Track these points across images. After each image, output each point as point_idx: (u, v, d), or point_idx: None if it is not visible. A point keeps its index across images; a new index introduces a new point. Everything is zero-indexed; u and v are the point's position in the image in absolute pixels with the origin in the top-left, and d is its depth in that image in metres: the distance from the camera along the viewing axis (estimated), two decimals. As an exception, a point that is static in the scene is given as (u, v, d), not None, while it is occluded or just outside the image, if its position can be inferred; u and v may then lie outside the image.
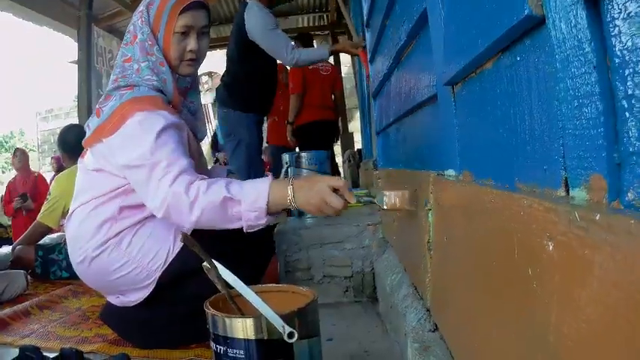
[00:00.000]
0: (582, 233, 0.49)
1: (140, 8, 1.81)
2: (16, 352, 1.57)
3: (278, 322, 1.15)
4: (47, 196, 3.38)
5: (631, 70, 0.49)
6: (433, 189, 1.27)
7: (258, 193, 1.51)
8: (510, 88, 0.80)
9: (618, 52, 0.51)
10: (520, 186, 0.77)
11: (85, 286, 2.25)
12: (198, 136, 1.94)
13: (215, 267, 1.27)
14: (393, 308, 1.76)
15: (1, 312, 2.28)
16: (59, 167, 6.47)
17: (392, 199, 1.50)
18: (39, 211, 3.38)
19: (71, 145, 3.49)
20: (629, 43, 0.49)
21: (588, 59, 0.54)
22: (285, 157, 3.11)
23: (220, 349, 1.21)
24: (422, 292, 1.46)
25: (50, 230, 3.34)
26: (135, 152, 1.61)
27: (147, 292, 1.77)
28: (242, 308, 1.30)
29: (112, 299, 1.88)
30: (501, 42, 0.79)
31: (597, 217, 0.46)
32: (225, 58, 3.66)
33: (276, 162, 5.15)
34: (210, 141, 9.34)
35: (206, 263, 1.28)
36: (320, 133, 5.25)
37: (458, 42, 1.03)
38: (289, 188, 1.50)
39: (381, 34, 2.34)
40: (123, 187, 1.72)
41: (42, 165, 17.09)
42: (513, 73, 0.78)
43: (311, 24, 9.30)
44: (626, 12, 0.49)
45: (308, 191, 1.49)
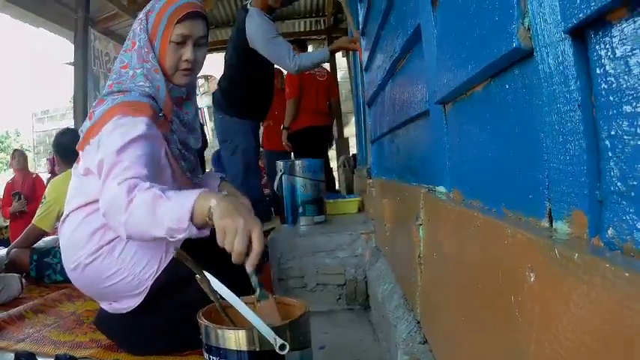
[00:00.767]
0: (561, 270, 0.51)
1: (140, 16, 1.82)
2: (11, 356, 1.57)
3: (270, 335, 1.16)
4: (42, 200, 3.38)
5: (615, 111, 0.50)
6: (424, 205, 1.28)
7: (187, 197, 1.43)
8: (499, 114, 0.81)
9: (603, 92, 0.52)
10: (507, 212, 0.78)
11: (79, 290, 2.26)
12: (191, 146, 1.95)
13: (207, 279, 1.29)
14: (385, 318, 1.77)
15: (-5, 316, 2.29)
16: (51, 170, 6.43)
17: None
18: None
19: (66, 149, 3.49)
20: (615, 84, 0.50)
21: (573, 97, 0.55)
22: (280, 164, 3.12)
23: (213, 360, 1.23)
24: (412, 305, 1.47)
25: (45, 233, 3.34)
26: (105, 149, 1.61)
27: (139, 300, 1.77)
28: (234, 319, 1.32)
29: (105, 306, 1.89)
30: (491, 69, 0.80)
31: (576, 257, 0.48)
32: (223, 62, 3.66)
33: (271, 167, 5.14)
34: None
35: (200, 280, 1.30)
36: (314, 139, 5.26)
37: (450, 62, 1.04)
38: (213, 201, 1.39)
39: (376, 43, 2.35)
40: None
41: (37, 166, 17.01)
42: (502, 100, 0.80)
43: (307, 28, 9.27)
44: (613, 52, 0.50)
45: (230, 215, 1.34)
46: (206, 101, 10.39)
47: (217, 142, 3.86)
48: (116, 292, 1.78)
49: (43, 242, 3.33)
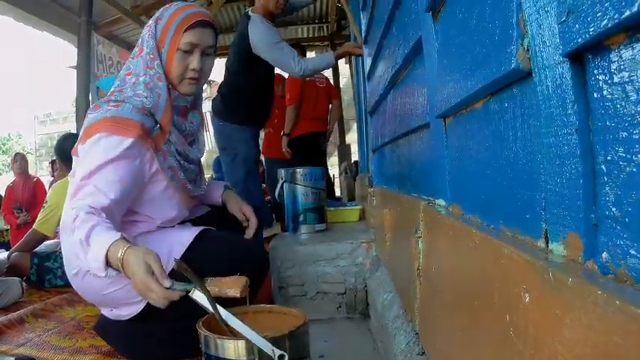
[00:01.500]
0: (555, 293, 0.51)
1: (149, 23, 1.82)
2: (11, 360, 1.58)
3: (267, 347, 1.17)
4: (44, 204, 3.40)
5: (611, 136, 0.50)
6: (424, 217, 1.29)
7: (99, 247, 1.45)
8: (498, 132, 0.82)
9: (600, 117, 0.52)
10: (504, 230, 0.79)
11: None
12: (191, 157, 1.93)
13: (207, 290, 1.30)
14: (384, 328, 1.77)
15: (-4, 320, 2.29)
16: (54, 173, 6.43)
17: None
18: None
19: (67, 153, 3.49)
20: (612, 109, 0.50)
21: (571, 121, 0.55)
22: (281, 172, 3.12)
23: (212, 370, 1.24)
24: (411, 316, 1.48)
25: (46, 238, 3.35)
26: (83, 166, 1.64)
27: (140, 307, 1.77)
28: (233, 329, 1.32)
29: (105, 312, 1.89)
30: (490, 87, 0.80)
31: (569, 281, 0.48)
32: (224, 69, 3.65)
33: (271, 175, 5.11)
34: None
35: (191, 293, 1.32)
36: (314, 145, 5.28)
37: (450, 77, 1.05)
38: (120, 256, 1.42)
39: (378, 52, 2.36)
40: None
41: (39, 169, 17.06)
42: (501, 118, 0.80)
43: (311, 34, 9.30)
44: (611, 77, 0.50)
45: (132, 270, 1.41)
46: (208, 106, 10.43)
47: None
48: (116, 299, 1.78)
49: (44, 246, 3.33)
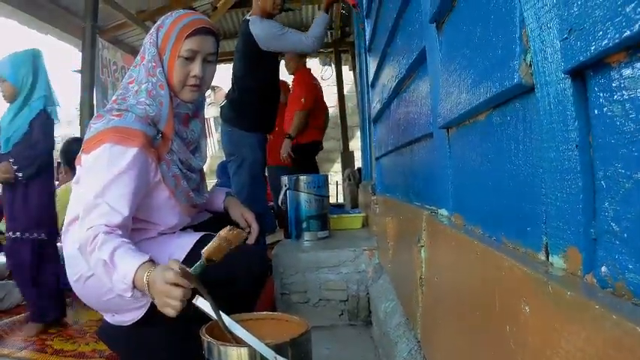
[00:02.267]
0: (555, 307, 0.52)
1: (151, 30, 1.82)
2: (13, 365, 1.59)
3: (270, 355, 1.18)
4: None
5: (612, 152, 0.51)
6: (426, 227, 1.29)
7: (128, 269, 1.51)
8: (500, 144, 0.83)
9: (600, 133, 0.53)
10: (506, 241, 0.80)
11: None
12: (193, 165, 1.94)
13: (211, 299, 1.31)
14: (386, 335, 1.78)
15: (-2, 323, 2.31)
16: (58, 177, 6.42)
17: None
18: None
19: (72, 157, 3.50)
20: (612, 126, 0.51)
21: (572, 137, 0.56)
22: (285, 179, 3.13)
23: (215, 376, 1.25)
24: (413, 324, 1.48)
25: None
26: (91, 182, 1.66)
27: (141, 313, 1.77)
28: (236, 336, 1.33)
29: (108, 317, 1.89)
30: (493, 100, 0.81)
31: (568, 295, 0.49)
32: (228, 73, 3.67)
33: (274, 183, 5.06)
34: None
35: (195, 300, 1.33)
36: (316, 153, 5.33)
37: (453, 88, 1.05)
38: (145, 281, 1.48)
39: (382, 60, 2.36)
40: None
41: (42, 171, 17.04)
42: (503, 131, 0.81)
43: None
44: (611, 94, 0.51)
45: (154, 290, 1.46)
46: (212, 112, 10.41)
47: (222, 153, 3.86)
48: (117, 305, 1.78)
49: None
